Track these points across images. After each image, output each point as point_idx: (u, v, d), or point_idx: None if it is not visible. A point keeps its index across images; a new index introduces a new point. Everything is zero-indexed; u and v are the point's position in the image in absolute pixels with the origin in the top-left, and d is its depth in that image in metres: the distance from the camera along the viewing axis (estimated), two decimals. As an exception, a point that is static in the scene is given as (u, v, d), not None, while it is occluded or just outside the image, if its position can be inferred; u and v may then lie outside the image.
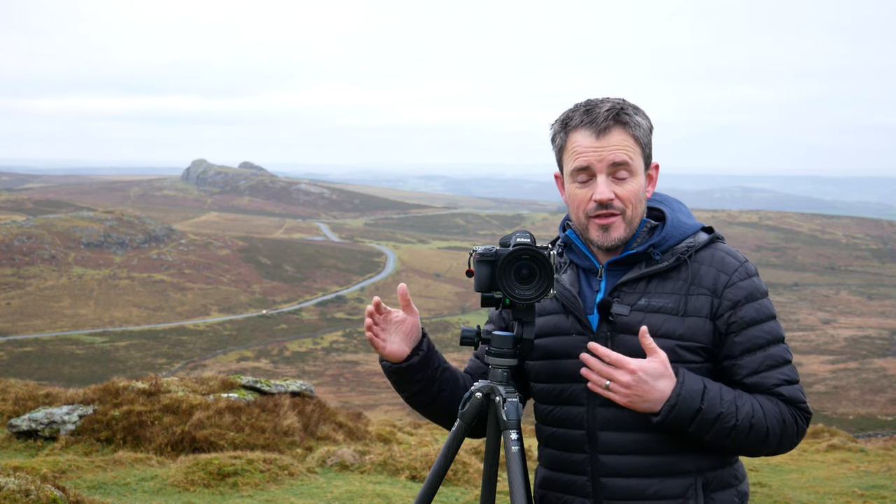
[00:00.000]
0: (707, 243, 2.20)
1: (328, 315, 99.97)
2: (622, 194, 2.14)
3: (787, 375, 2.12)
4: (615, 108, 2.15)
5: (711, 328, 2.12)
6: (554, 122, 2.24)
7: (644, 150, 2.17)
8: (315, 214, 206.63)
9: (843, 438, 12.41)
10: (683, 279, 2.15)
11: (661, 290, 2.15)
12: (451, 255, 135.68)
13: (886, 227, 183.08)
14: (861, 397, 62.46)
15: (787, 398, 2.10)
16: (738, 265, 2.15)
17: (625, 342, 2.13)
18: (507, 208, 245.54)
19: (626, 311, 2.14)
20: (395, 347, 2.26)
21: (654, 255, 2.17)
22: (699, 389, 2.04)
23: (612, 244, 2.17)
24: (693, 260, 2.16)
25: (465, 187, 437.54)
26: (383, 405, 55.83)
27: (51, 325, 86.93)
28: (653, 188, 2.27)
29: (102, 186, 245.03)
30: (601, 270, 2.22)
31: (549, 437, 2.26)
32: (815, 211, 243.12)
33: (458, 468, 7.38)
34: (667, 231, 2.20)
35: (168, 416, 8.07)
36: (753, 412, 2.06)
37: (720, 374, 2.16)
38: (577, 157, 2.15)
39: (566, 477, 2.21)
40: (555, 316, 2.25)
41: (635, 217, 2.17)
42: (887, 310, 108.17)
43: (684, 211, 2.29)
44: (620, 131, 2.14)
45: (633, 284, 2.18)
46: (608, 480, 2.14)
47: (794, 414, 2.11)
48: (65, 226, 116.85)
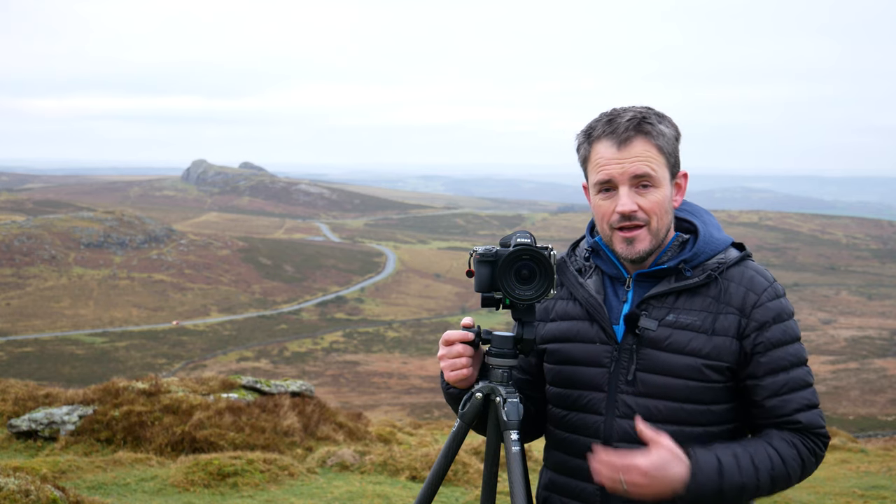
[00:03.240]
0: (738, 260, 2.16)
1: (328, 315, 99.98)
2: (646, 206, 2.10)
3: (807, 400, 2.08)
4: (636, 117, 2.11)
5: (738, 348, 2.08)
6: (579, 133, 2.21)
7: (669, 159, 2.13)
8: (315, 214, 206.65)
9: (844, 439, 12.41)
10: (713, 297, 2.11)
11: (689, 306, 2.12)
12: (451, 255, 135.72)
13: (886, 227, 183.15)
14: (861, 397, 62.44)
15: (805, 425, 2.07)
16: (768, 285, 2.12)
17: (650, 357, 2.10)
18: (507, 208, 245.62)
19: (653, 326, 2.11)
20: (474, 374, 2.21)
21: (685, 270, 2.14)
22: (714, 468, 1.99)
23: (637, 256, 2.13)
24: (723, 277, 2.13)
25: (465, 187, 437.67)
26: (383, 405, 55.84)
27: (51, 326, 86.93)
28: (681, 197, 2.22)
29: (102, 186, 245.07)
30: (629, 281, 2.19)
31: (559, 442, 2.25)
32: (815, 211, 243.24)
33: (459, 468, 7.38)
34: (699, 246, 2.16)
35: (168, 416, 8.06)
36: (773, 466, 2.03)
37: (741, 394, 2.13)
38: (600, 169, 2.13)
39: (575, 483, 2.20)
40: (578, 322, 2.22)
41: (661, 228, 2.13)
42: (887, 310, 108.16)
43: (714, 224, 2.24)
44: (643, 141, 2.10)
45: (662, 299, 2.14)
46: None
47: (813, 446, 2.08)
48: (65, 226, 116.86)
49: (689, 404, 2.08)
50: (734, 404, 2.13)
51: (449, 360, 2.15)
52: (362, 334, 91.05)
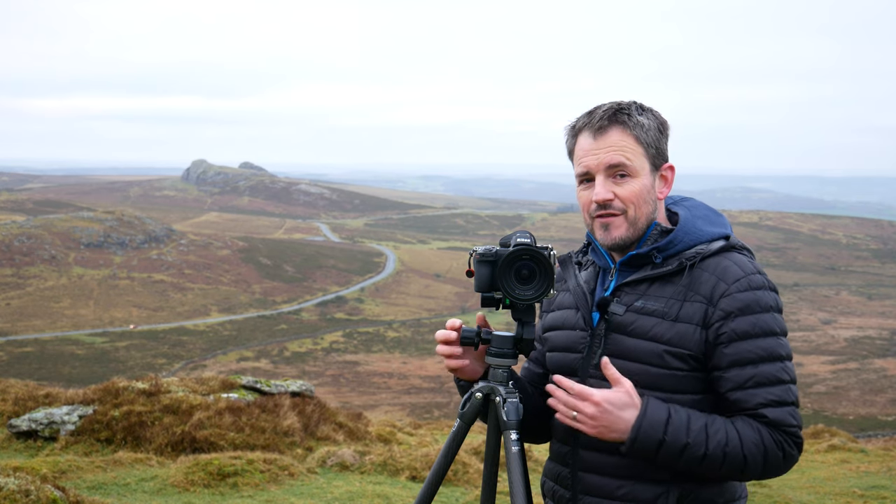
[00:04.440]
0: (717, 251, 2.15)
1: (328, 315, 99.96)
2: (622, 194, 2.13)
3: (776, 396, 2.01)
4: (613, 107, 2.14)
5: (702, 337, 2.07)
6: (565, 127, 2.25)
7: (648, 149, 2.14)
8: (315, 214, 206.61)
9: (844, 439, 12.40)
10: (684, 285, 2.11)
11: (659, 293, 2.13)
12: (451, 255, 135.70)
13: (886, 227, 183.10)
14: (861, 398, 62.45)
15: (771, 420, 2.00)
16: (742, 276, 2.08)
17: (616, 342, 2.13)
18: (507, 208, 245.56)
19: (620, 311, 2.14)
20: (475, 367, 2.27)
21: (655, 258, 2.16)
22: (662, 419, 1.99)
23: (613, 243, 2.16)
24: (698, 267, 2.12)
25: (465, 187, 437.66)
26: (383, 405, 55.86)
27: (51, 326, 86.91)
28: (668, 189, 2.23)
29: (102, 186, 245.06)
30: (613, 270, 2.24)
31: (552, 428, 2.31)
32: (815, 211, 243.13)
33: (458, 468, 7.39)
34: (675, 235, 2.17)
35: (168, 416, 8.06)
36: (728, 440, 1.98)
37: (711, 386, 2.10)
38: (579, 161, 2.17)
39: (557, 468, 2.25)
40: (567, 311, 2.29)
41: (640, 217, 2.15)
42: (887, 310, 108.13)
43: (710, 218, 2.24)
44: (618, 131, 2.12)
45: (636, 286, 2.17)
46: (584, 475, 2.16)
47: (781, 440, 2.00)
48: (65, 226, 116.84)
49: (653, 391, 2.08)
50: (704, 396, 2.10)
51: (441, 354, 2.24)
52: (362, 334, 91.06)
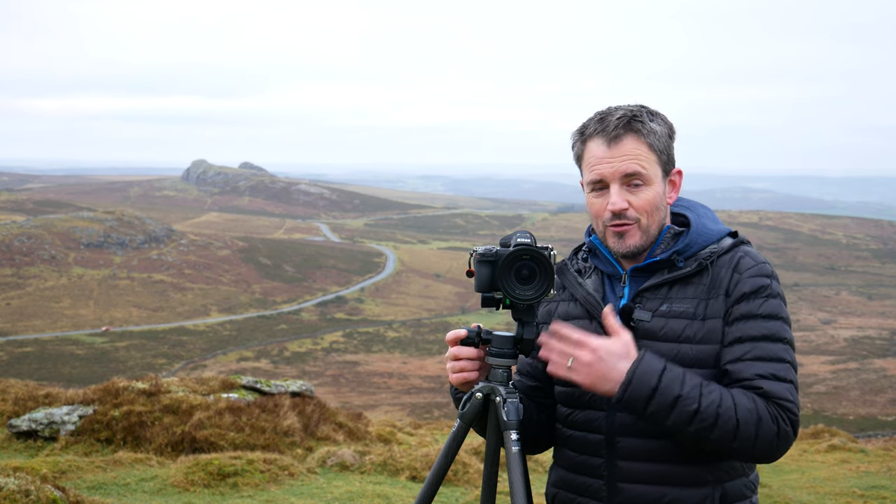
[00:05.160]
0: (730, 248, 2.17)
1: (328, 315, 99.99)
2: (636, 203, 2.13)
3: (774, 370, 2.01)
4: (627, 115, 2.13)
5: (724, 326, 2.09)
6: (574, 131, 2.24)
7: (660, 156, 2.15)
8: (315, 215, 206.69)
9: (844, 439, 12.40)
10: (704, 283, 2.12)
11: (682, 295, 2.13)
12: (451, 255, 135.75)
13: (886, 227, 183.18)
14: (861, 398, 62.46)
15: (767, 392, 1.98)
16: (754, 265, 2.11)
17: (647, 348, 2.11)
18: (507, 208, 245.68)
19: (647, 317, 2.13)
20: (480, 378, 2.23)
21: (677, 261, 2.16)
22: (658, 369, 1.98)
23: (628, 251, 2.16)
24: (715, 264, 2.14)
25: (465, 187, 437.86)
26: (383, 405, 55.87)
27: (51, 326, 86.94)
28: (676, 194, 2.25)
29: (102, 186, 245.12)
30: (624, 276, 2.22)
31: (567, 439, 2.26)
32: (815, 211, 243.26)
33: (459, 468, 7.38)
34: (690, 237, 2.18)
35: (168, 416, 8.06)
36: (721, 401, 1.96)
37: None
38: (592, 168, 2.16)
39: (581, 479, 2.21)
40: (579, 321, 2.24)
41: (652, 225, 2.16)
42: (887, 310, 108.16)
43: (710, 216, 2.26)
44: (633, 139, 2.12)
45: (656, 290, 2.16)
46: (625, 486, 2.12)
47: (776, 414, 1.97)
48: (65, 226, 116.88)
49: None
50: None
51: (450, 363, 2.19)
52: (362, 334, 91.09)
